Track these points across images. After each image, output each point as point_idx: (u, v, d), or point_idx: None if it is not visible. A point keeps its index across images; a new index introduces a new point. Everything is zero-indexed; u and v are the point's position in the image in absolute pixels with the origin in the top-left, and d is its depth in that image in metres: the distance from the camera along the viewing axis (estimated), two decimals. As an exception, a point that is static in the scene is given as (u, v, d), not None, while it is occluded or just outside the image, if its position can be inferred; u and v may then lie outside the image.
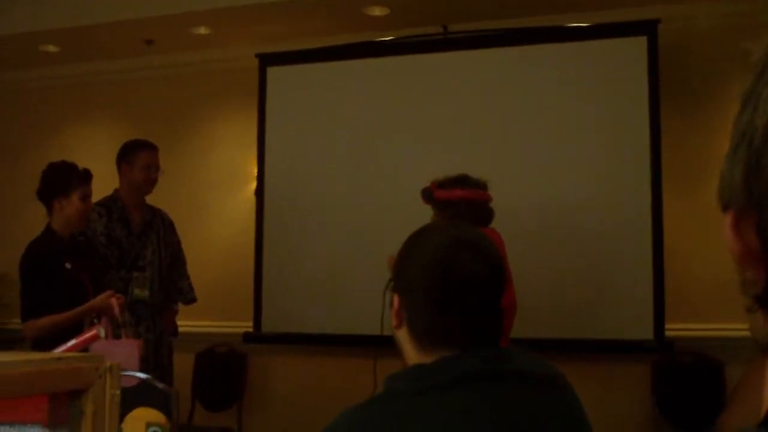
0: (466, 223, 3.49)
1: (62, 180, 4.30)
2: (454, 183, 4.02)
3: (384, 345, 3.98)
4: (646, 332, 5.07)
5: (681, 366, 5.14)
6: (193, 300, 5.18)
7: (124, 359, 3.85)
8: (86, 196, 4.33)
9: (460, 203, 3.95)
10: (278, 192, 5.95)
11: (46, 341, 3.95)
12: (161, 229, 5.00)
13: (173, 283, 5.09)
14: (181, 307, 5.16)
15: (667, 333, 5.05)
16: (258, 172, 6.03)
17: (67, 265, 4.24)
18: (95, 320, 4.02)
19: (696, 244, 5.11)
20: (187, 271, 5.19)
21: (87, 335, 1.92)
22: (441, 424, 1.52)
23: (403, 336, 1.72)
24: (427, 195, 4.01)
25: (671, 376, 5.14)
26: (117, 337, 4.07)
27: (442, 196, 3.97)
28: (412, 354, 1.69)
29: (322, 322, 5.70)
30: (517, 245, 5.13)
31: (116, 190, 4.95)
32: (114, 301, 4.06)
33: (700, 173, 5.15)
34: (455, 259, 1.65)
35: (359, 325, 5.34)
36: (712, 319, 5.01)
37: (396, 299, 1.73)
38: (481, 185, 4.04)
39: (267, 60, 6.07)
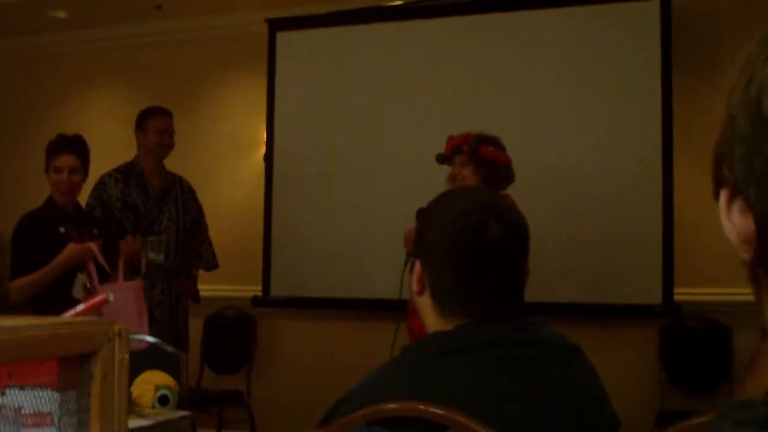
0: (490, 188, 3.48)
1: (45, 155, 4.29)
2: (495, 143, 3.98)
3: (393, 309, 4.02)
4: (655, 297, 5.08)
5: (689, 330, 5.15)
6: (215, 266, 5.21)
7: (123, 302, 3.89)
8: (59, 168, 4.23)
9: (501, 164, 3.93)
10: (287, 157, 5.95)
11: (43, 309, 3.97)
12: (180, 195, 5.03)
13: (193, 249, 5.11)
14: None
15: (676, 298, 5.06)
16: (267, 137, 6.03)
17: (61, 229, 4.23)
18: (87, 285, 4.03)
19: (705, 209, 5.10)
20: (209, 237, 5.21)
21: (96, 300, 1.93)
22: (459, 386, 1.53)
23: (424, 302, 1.69)
24: (473, 148, 3.88)
25: (679, 340, 5.15)
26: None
27: (487, 154, 3.90)
28: (432, 320, 1.68)
29: (331, 286, 5.73)
30: (527, 210, 5.11)
31: (136, 157, 4.99)
32: (93, 246, 4.07)
33: (711, 139, 5.09)
34: (481, 225, 1.62)
35: (369, 289, 5.37)
36: (720, 284, 5.02)
37: (419, 264, 1.70)
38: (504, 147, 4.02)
39: (276, 25, 6.05)
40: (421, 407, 1.47)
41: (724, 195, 0.63)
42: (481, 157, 3.88)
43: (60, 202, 4.28)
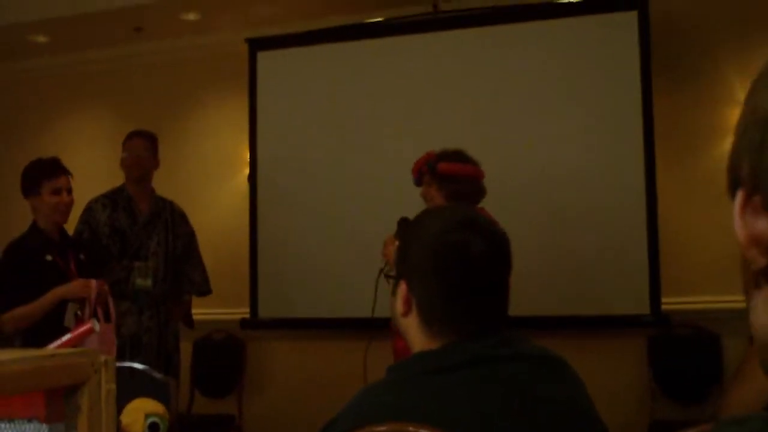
0: (465, 204, 3.48)
1: (29, 179, 4.25)
2: (455, 157, 3.97)
3: (376, 328, 4.04)
4: (642, 306, 5.09)
5: (677, 339, 5.16)
6: (207, 292, 5.17)
7: (99, 344, 3.86)
8: (58, 190, 4.24)
9: (463, 178, 3.92)
10: (271, 177, 5.94)
11: (34, 337, 3.94)
12: (170, 220, 5.01)
13: (185, 274, 5.09)
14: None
15: (663, 307, 5.07)
16: (250, 158, 6.03)
17: (48, 257, 4.21)
18: (78, 312, 4.01)
19: (690, 217, 5.12)
20: (203, 263, 5.19)
21: (81, 330, 1.92)
22: (446, 405, 1.52)
23: (411, 322, 1.69)
24: (430, 167, 3.92)
25: (668, 349, 5.16)
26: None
27: (446, 170, 3.91)
28: (418, 340, 1.67)
29: (320, 306, 5.71)
30: (511, 222, 5.12)
31: (124, 182, 4.99)
32: (93, 284, 4.05)
33: (693, 146, 5.16)
34: (465, 241, 1.63)
35: (358, 308, 5.36)
36: (707, 292, 5.03)
37: (403, 285, 1.69)
38: (475, 162, 4.01)
39: (257, 45, 6.05)
40: (411, 429, 1.46)
41: (740, 194, 0.64)
42: (442, 174, 3.90)
43: (47, 228, 4.26)
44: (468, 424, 1.49)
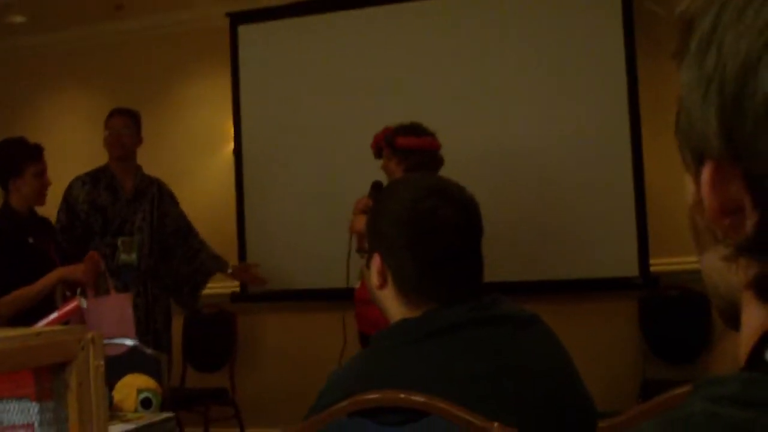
0: (430, 173, 3.53)
1: (13, 160, 4.24)
2: (411, 131, 4.04)
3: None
4: (632, 269, 5.12)
5: (667, 301, 5.19)
6: (225, 263, 5.24)
7: (118, 316, 3.88)
8: (41, 172, 4.26)
9: (420, 151, 3.97)
10: (256, 150, 5.93)
11: (23, 318, 3.94)
12: (157, 198, 5.00)
13: (196, 256, 5.11)
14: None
15: (652, 269, 5.10)
16: (235, 132, 6.01)
17: (30, 240, 4.21)
18: (67, 293, 4.01)
19: (676, 180, 5.12)
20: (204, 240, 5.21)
21: (68, 308, 1.91)
22: (434, 370, 1.54)
23: (387, 294, 1.70)
24: (388, 141, 4.01)
25: (658, 310, 5.18)
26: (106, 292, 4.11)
27: (404, 144, 3.98)
28: (396, 311, 1.68)
29: (309, 278, 5.72)
30: (502, 190, 5.15)
31: (108, 161, 4.98)
32: (97, 256, 4.08)
33: (675, 111, 5.15)
34: (435, 210, 1.64)
35: (341, 279, 5.38)
36: (694, 253, 5.04)
37: (377, 258, 1.70)
38: (431, 133, 4.07)
39: (237, 18, 6.02)
40: (402, 396, 1.47)
41: (710, 166, 0.62)
42: (400, 148, 3.97)
43: (21, 209, 4.25)
44: (457, 389, 1.50)
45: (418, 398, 1.45)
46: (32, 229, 4.27)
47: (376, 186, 4.06)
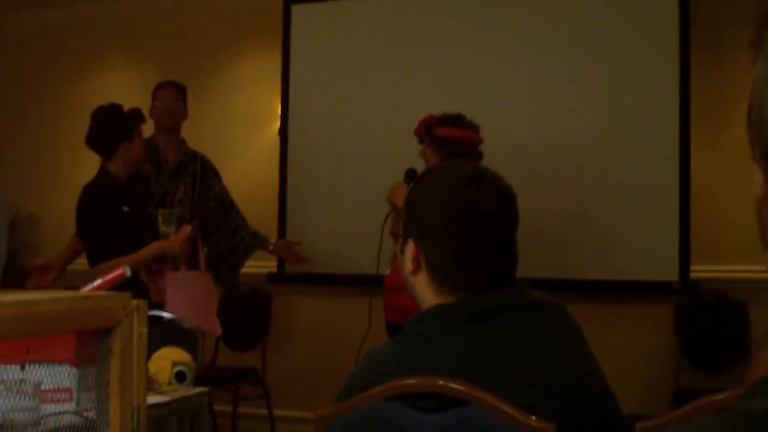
0: (472, 161, 3.53)
1: (124, 124, 4.29)
2: (453, 121, 4.05)
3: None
4: (671, 273, 5.07)
5: (705, 307, 5.13)
6: (264, 239, 5.30)
7: (205, 292, 3.95)
8: (141, 134, 4.39)
9: (458, 143, 3.97)
10: (302, 131, 5.94)
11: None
12: (199, 171, 5.03)
13: (236, 233, 5.14)
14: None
15: (692, 275, 5.04)
16: (282, 111, 6.02)
17: (125, 208, 4.24)
18: (153, 266, 4.06)
19: (723, 185, 5.07)
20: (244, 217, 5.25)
21: (113, 275, 1.93)
22: (469, 355, 1.55)
23: (420, 280, 1.69)
24: (427, 130, 4.03)
25: (695, 317, 5.13)
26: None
27: (443, 134, 3.99)
28: (429, 298, 1.68)
29: (347, 263, 5.71)
30: (541, 186, 5.12)
31: (153, 132, 5.01)
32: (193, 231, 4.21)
33: (729, 112, 5.08)
34: (474, 199, 1.64)
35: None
36: (736, 261, 4.99)
37: (412, 244, 1.70)
38: (475, 127, 4.09)
39: (291, -3, 6.03)
40: (441, 383, 1.47)
41: None
42: (440, 138, 3.99)
43: (119, 176, 4.29)
44: (492, 375, 1.51)
45: (457, 386, 1.45)
46: (128, 196, 4.31)
47: (410, 173, 4.08)
